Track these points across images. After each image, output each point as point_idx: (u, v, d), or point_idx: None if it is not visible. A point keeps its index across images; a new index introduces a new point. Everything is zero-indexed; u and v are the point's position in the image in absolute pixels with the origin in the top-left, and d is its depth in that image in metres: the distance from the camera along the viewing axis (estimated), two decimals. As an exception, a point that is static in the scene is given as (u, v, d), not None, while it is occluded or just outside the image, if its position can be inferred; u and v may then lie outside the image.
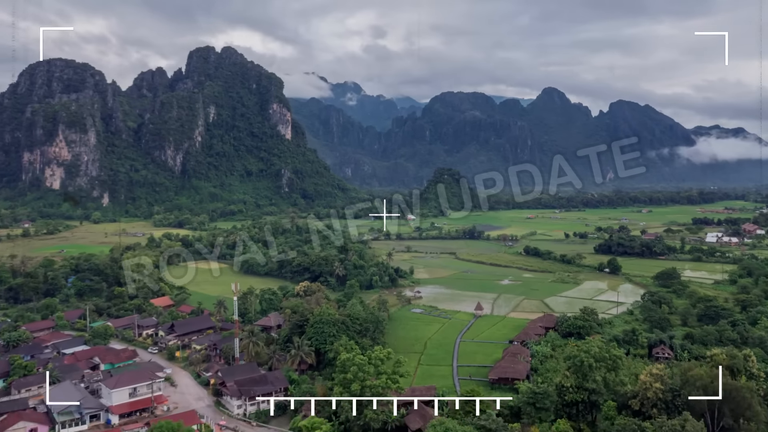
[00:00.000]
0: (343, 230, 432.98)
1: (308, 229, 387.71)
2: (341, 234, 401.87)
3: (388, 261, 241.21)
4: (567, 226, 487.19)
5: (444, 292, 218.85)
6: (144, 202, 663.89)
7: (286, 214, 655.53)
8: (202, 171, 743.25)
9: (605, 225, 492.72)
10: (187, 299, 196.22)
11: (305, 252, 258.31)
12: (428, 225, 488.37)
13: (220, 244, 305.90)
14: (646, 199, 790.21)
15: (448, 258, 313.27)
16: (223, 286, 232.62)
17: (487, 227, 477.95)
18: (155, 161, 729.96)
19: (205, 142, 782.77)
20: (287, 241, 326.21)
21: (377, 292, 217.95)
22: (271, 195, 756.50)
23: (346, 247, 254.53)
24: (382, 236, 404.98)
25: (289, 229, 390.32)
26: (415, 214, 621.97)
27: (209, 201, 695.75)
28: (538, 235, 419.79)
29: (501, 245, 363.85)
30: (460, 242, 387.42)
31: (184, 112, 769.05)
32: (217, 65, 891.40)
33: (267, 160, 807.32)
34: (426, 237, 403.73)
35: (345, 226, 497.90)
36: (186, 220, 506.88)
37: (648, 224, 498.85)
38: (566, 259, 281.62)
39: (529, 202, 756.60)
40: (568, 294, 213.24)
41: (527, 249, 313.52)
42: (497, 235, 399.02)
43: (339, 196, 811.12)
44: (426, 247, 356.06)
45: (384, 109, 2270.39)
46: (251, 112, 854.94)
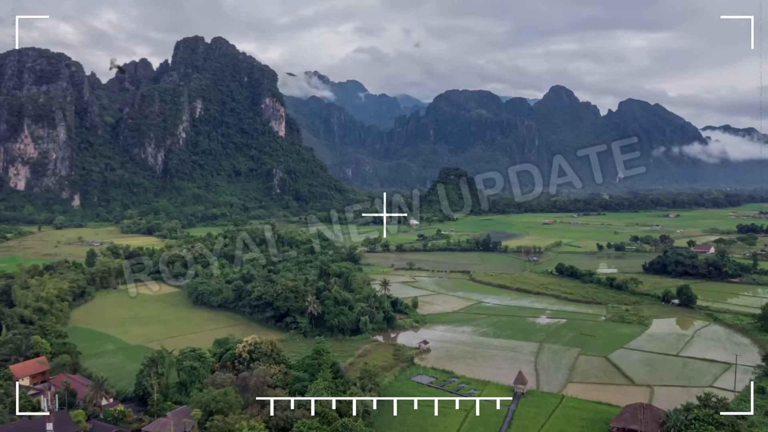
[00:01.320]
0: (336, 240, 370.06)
1: (292, 240, 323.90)
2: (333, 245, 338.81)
3: (384, 292, 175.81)
4: (593, 234, 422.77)
5: (461, 339, 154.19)
6: (119, 204, 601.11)
7: (277, 218, 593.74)
8: (186, 170, 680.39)
9: (635, 232, 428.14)
10: (80, 359, 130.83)
11: (271, 279, 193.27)
12: (434, 232, 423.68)
13: (164, 261, 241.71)
14: (668, 202, 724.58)
15: (460, 279, 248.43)
16: (163, 325, 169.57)
17: (501, 235, 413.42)
18: (134, 159, 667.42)
19: (190, 139, 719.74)
20: (260, 256, 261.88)
21: (366, 338, 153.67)
22: (260, 197, 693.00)
23: (326, 271, 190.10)
24: (379, 247, 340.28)
25: (269, 239, 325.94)
26: (416, 217, 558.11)
27: (192, 203, 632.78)
28: (563, 245, 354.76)
29: (523, 260, 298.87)
30: (473, 255, 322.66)
31: (166, 106, 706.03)
32: (205, 57, 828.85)
33: (258, 158, 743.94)
34: (431, 248, 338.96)
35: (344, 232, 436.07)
36: (156, 226, 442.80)
37: (685, 231, 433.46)
38: (616, 283, 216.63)
39: (543, 205, 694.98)
40: (639, 344, 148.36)
41: (560, 268, 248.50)
42: (517, 247, 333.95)
43: (336, 197, 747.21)
44: (432, 263, 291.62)
45: (387, 108, 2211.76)
46: (242, 107, 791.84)
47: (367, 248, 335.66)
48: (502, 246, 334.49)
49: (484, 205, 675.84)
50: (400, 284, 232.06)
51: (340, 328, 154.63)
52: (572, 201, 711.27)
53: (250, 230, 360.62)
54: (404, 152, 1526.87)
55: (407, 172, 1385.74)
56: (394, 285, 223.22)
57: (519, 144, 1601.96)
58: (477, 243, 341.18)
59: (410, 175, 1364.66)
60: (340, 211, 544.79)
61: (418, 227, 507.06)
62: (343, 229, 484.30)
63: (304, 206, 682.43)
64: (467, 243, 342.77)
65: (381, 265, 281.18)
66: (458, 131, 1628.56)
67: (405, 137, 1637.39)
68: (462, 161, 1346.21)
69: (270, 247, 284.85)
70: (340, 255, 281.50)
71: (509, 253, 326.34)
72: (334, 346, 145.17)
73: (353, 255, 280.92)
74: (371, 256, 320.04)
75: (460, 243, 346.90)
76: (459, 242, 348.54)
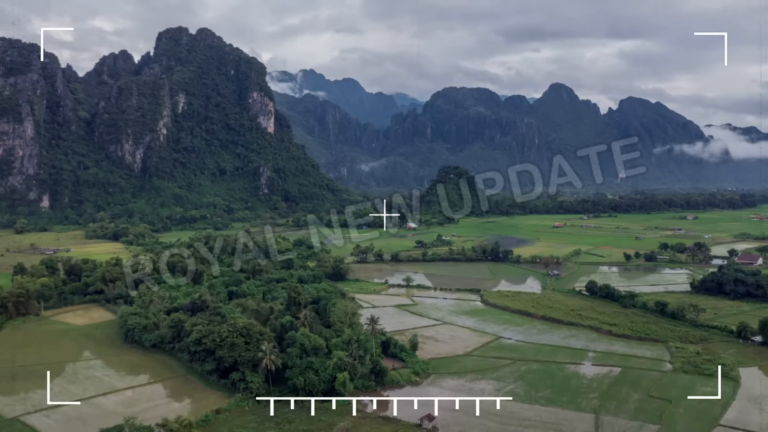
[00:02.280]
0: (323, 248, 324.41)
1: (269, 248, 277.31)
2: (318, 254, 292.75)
3: (371, 331, 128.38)
4: (612, 240, 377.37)
5: (483, 407, 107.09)
6: (91, 205, 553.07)
7: (263, 221, 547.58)
8: (166, 169, 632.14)
9: (659, 238, 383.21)
10: None
11: (220, 312, 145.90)
12: (433, 237, 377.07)
13: (107, 280, 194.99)
14: (681, 203, 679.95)
15: (469, 300, 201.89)
16: (67, 379, 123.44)
17: (509, 241, 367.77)
18: (110, 157, 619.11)
19: (171, 136, 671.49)
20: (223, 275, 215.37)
21: (346, 403, 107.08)
22: (247, 197, 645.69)
23: (296, 299, 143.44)
24: (371, 256, 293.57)
25: (246, 246, 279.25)
26: (414, 220, 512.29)
27: (173, 204, 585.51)
28: (583, 254, 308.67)
29: (541, 273, 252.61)
30: (481, 267, 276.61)
31: (146, 100, 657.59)
32: (190, 48, 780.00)
33: (244, 156, 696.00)
34: (432, 258, 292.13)
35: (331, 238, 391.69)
36: (122, 231, 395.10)
37: (714, 237, 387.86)
38: (669, 310, 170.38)
39: (549, 206, 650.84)
40: (742, 419, 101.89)
41: (592, 287, 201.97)
42: (531, 256, 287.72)
43: (328, 198, 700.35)
44: (434, 277, 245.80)
45: (384, 106, 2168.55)
46: (227, 101, 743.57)
47: (358, 258, 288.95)
48: (514, 255, 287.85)
49: (484, 206, 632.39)
50: (395, 309, 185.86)
51: (308, 390, 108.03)
52: (580, 201, 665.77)
53: (225, 236, 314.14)
54: (401, 151, 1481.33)
55: (404, 172, 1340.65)
56: (387, 310, 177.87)
57: (519, 142, 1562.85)
58: (484, 252, 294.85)
59: (407, 175, 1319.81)
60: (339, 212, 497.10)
61: (416, 231, 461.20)
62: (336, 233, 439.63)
63: (293, 207, 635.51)
64: (473, 252, 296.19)
65: (373, 281, 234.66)
66: (456, 129, 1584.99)
67: (402, 135, 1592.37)
68: (460, 160, 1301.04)
69: (237, 258, 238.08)
70: (323, 269, 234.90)
71: (523, 264, 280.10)
72: (295, 420, 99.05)
73: (339, 269, 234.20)
74: (362, 268, 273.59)
75: (465, 252, 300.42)
76: (464, 250, 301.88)
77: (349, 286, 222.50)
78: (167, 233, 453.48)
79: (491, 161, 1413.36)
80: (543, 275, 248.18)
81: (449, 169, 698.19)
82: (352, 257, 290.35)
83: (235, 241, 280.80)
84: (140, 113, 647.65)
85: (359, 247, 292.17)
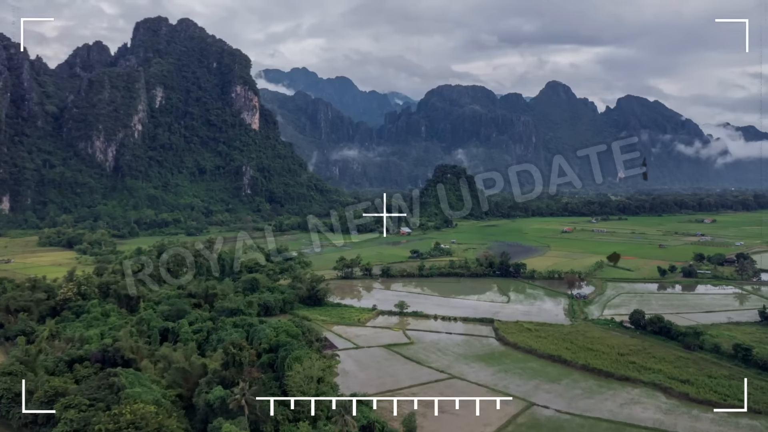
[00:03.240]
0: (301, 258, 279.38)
1: (229, 259, 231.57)
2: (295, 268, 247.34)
3: (342, 425, 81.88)
4: (632, 248, 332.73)
5: None
6: (55, 207, 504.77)
7: (244, 224, 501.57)
8: (141, 168, 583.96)
9: (684, 245, 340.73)
10: None
11: (114, 385, 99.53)
12: (430, 245, 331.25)
13: (11, 309, 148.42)
14: (694, 204, 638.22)
15: (480, 336, 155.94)
16: None
17: (517, 249, 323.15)
18: (79, 155, 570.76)
19: (147, 132, 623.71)
20: (166, 301, 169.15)
21: None
22: (228, 198, 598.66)
23: (237, 358, 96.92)
24: (358, 271, 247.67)
25: (205, 261, 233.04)
26: (412, 223, 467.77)
27: (147, 206, 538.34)
28: (607, 267, 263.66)
29: (562, 294, 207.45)
30: (489, 284, 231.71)
31: (119, 93, 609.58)
32: (169, 39, 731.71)
33: (226, 154, 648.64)
34: (430, 273, 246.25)
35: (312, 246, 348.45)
36: (77, 238, 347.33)
37: (748, 245, 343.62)
38: (756, 358, 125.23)
39: (552, 208, 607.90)
40: None
41: (638, 318, 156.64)
42: (547, 271, 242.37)
43: (316, 199, 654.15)
44: (433, 300, 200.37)
45: (377, 105, 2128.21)
46: (209, 95, 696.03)
47: (342, 272, 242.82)
48: (527, 270, 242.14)
49: (484, 206, 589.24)
50: (385, 351, 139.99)
51: None
52: (585, 203, 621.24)
53: (184, 244, 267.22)
54: (394, 150, 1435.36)
55: (398, 171, 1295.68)
56: (374, 354, 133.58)
57: (515, 141, 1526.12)
58: (491, 264, 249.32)
59: (401, 174, 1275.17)
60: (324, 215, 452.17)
61: (411, 236, 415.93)
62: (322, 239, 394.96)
63: (278, 209, 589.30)
64: (478, 265, 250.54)
65: (357, 307, 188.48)
66: (451, 128, 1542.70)
67: (395, 134, 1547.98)
68: (456, 159, 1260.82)
69: (189, 274, 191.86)
70: (296, 291, 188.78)
71: (538, 281, 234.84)
72: None
73: (316, 291, 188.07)
74: (346, 286, 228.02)
75: (469, 264, 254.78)
76: (467, 263, 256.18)
77: (328, 313, 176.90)
78: (133, 239, 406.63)
79: (488, 161, 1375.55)
80: (565, 295, 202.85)
81: (446, 168, 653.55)
82: (336, 272, 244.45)
83: (196, 253, 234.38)
84: (113, 108, 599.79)
85: (343, 260, 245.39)
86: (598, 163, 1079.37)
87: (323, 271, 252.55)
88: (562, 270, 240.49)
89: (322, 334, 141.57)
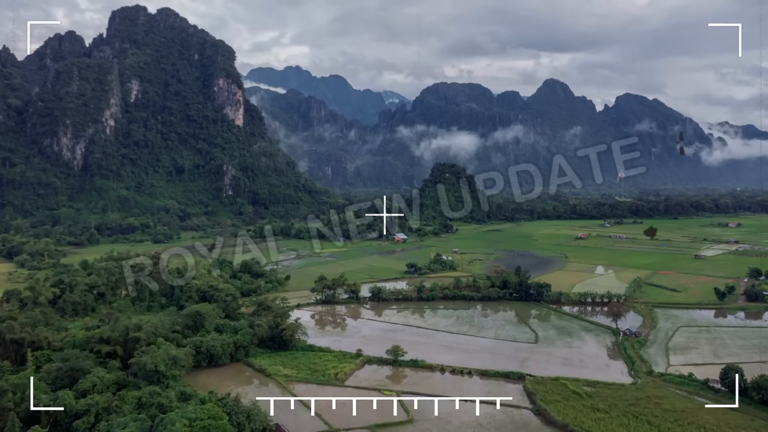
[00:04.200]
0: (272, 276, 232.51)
1: (179, 283, 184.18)
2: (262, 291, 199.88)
3: None
4: (664, 260, 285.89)
5: None
6: (12, 209, 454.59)
7: (222, 228, 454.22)
8: (112, 167, 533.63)
9: (716, 253, 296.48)
10: None
11: None
12: (431, 257, 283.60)
13: None
14: (710, 206, 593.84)
15: (510, 408, 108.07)
16: None
17: (530, 260, 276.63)
18: (44, 153, 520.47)
19: (121, 128, 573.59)
20: (71, 348, 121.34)
21: None
22: (207, 200, 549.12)
23: None
24: (342, 293, 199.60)
25: (147, 283, 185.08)
26: (408, 228, 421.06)
27: (117, 208, 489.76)
28: (646, 287, 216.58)
29: (604, 329, 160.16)
30: (506, 311, 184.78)
31: (89, 85, 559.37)
32: (147, 29, 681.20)
33: (206, 152, 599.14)
34: (432, 296, 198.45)
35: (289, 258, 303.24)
36: (18, 248, 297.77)
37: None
38: None
39: (560, 211, 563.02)
40: None
41: (731, 380, 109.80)
42: (577, 295, 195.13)
43: (304, 200, 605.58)
44: (437, 339, 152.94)
45: (372, 104, 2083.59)
46: (189, 89, 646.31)
47: (322, 295, 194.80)
48: (552, 293, 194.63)
49: (485, 207, 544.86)
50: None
51: None
52: (595, 205, 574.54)
53: (126, 258, 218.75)
54: (389, 149, 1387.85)
55: (393, 171, 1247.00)
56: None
57: (513, 140, 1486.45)
58: (505, 284, 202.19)
59: (396, 174, 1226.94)
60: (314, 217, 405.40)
61: (407, 243, 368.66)
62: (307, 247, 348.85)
63: (262, 212, 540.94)
64: (490, 286, 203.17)
65: (336, 351, 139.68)
66: (447, 126, 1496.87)
67: (390, 133, 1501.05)
68: (452, 158, 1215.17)
69: (118, 298, 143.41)
70: (253, 331, 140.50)
71: (566, 304, 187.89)
72: None
73: (280, 331, 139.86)
74: (325, 315, 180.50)
75: (478, 283, 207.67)
76: (476, 282, 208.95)
77: (295, 362, 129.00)
78: (92, 247, 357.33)
79: (485, 159, 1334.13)
80: (610, 331, 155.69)
81: (444, 167, 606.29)
82: (315, 294, 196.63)
83: (140, 271, 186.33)
84: (82, 101, 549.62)
85: (324, 280, 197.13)
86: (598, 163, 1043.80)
87: (301, 292, 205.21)
88: (595, 292, 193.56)
89: (272, 421, 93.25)
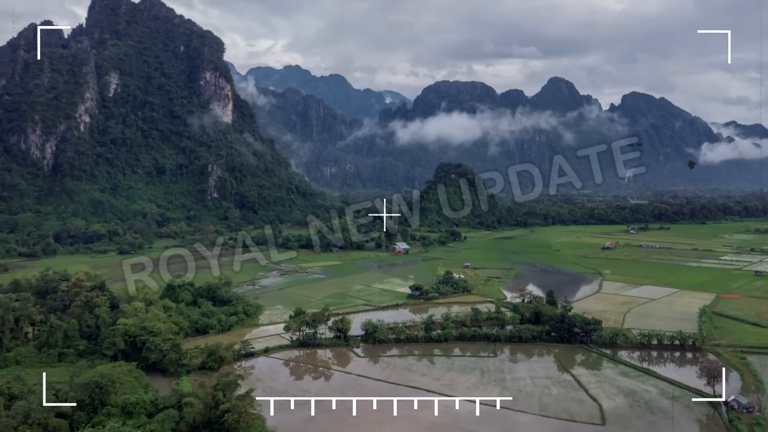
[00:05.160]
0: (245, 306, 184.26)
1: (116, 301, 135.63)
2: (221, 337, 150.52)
3: None
4: (719, 277, 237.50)
5: None
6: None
7: (204, 236, 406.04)
8: (86, 167, 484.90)
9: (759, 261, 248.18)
10: None
11: None
12: (439, 274, 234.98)
13: None
14: (739, 209, 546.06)
15: None
16: None
17: (558, 277, 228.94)
18: (10, 151, 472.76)
19: (97, 125, 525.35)
20: None
21: None
22: (190, 203, 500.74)
23: None
24: (327, 330, 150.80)
25: (61, 321, 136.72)
26: (409, 232, 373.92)
27: (90, 212, 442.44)
28: (716, 317, 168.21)
29: (693, 392, 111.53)
30: (540, 354, 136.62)
31: (62, 78, 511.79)
32: (129, 19, 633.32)
33: (191, 151, 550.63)
34: (444, 336, 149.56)
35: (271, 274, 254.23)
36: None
37: None
38: None
39: (576, 215, 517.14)
40: None
41: None
42: (639, 336, 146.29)
43: (297, 203, 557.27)
44: (455, 414, 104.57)
45: (372, 103, 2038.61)
46: (174, 83, 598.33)
47: (300, 335, 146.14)
48: (605, 332, 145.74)
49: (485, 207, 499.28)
50: None
51: None
52: (615, 209, 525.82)
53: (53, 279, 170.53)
54: (390, 149, 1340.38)
55: (393, 171, 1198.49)
56: None
57: (517, 139, 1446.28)
58: (537, 317, 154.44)
59: (396, 175, 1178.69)
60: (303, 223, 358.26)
61: (409, 255, 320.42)
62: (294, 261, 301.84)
63: (249, 216, 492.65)
64: (519, 322, 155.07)
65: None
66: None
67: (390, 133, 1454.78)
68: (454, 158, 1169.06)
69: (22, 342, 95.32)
70: (181, 414, 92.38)
71: (623, 350, 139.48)
72: None
73: (220, 415, 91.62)
74: (298, 366, 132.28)
75: (503, 317, 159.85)
76: (500, 315, 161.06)
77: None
78: (48, 259, 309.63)
79: (488, 160, 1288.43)
80: (701, 397, 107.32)
81: (449, 167, 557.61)
82: (291, 333, 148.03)
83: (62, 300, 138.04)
84: (53, 95, 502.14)
85: (302, 314, 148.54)
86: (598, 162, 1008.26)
87: (277, 327, 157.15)
88: (661, 332, 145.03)
89: None
